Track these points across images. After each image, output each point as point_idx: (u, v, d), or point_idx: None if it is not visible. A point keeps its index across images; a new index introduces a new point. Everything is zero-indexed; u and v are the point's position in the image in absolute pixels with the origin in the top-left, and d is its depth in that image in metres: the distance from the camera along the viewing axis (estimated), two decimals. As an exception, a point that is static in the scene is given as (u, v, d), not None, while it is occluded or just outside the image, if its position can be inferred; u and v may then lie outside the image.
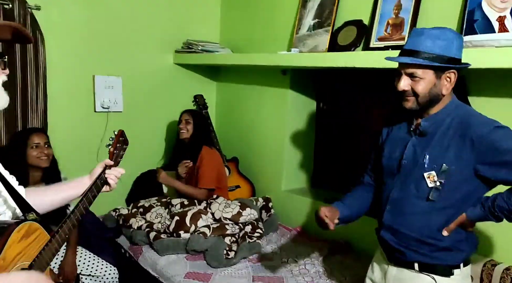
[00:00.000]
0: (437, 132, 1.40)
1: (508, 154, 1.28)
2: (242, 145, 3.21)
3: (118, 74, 2.91)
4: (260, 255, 2.39)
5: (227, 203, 2.65)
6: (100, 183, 1.43)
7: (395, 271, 1.53)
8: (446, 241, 1.41)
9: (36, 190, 1.48)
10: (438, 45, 1.32)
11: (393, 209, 1.49)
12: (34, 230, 1.23)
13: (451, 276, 1.41)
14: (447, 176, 1.36)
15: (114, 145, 1.53)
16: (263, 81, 3.03)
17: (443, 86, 1.37)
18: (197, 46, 3.04)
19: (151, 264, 2.35)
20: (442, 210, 1.40)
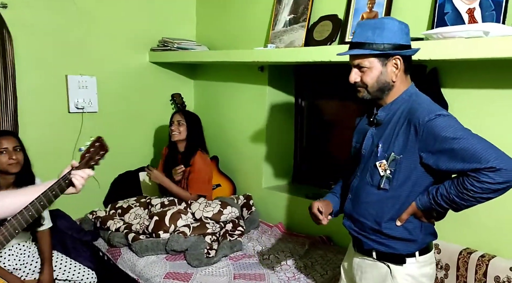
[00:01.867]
0: (391, 121, 1.43)
1: (446, 142, 1.29)
2: (222, 143, 3.18)
3: (92, 74, 2.85)
4: (241, 252, 2.37)
5: (208, 202, 2.63)
6: (64, 183, 1.41)
7: (358, 259, 1.56)
8: (399, 230, 1.43)
9: (2, 194, 1.47)
10: (378, 34, 1.36)
11: (353, 198, 1.54)
12: None
13: (403, 264, 1.43)
14: (396, 164, 1.39)
15: (87, 149, 1.52)
16: (241, 78, 3.01)
17: (391, 73, 1.40)
18: (173, 44, 3.00)
19: (130, 265, 2.31)
20: (394, 199, 1.42)
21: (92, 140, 1.52)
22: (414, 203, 1.41)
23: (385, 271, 1.46)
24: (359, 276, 1.55)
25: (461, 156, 1.27)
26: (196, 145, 2.73)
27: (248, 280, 2.08)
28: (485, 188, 1.25)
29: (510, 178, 1.23)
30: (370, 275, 1.51)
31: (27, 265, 2.13)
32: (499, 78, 1.80)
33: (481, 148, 1.25)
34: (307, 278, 2.09)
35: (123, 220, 2.60)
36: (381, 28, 1.37)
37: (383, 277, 1.46)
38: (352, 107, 2.64)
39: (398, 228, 1.43)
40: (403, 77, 1.43)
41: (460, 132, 1.29)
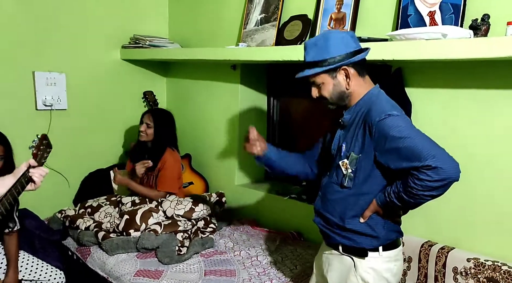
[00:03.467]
0: (353, 123, 1.49)
1: (394, 141, 1.34)
2: (195, 141, 3.18)
3: (61, 71, 2.80)
4: (212, 249, 2.39)
5: (179, 200, 2.63)
6: (24, 180, 1.51)
7: (327, 252, 1.63)
8: (361, 226, 1.49)
9: None
10: (315, 51, 1.45)
11: (322, 195, 1.60)
12: None
13: (365, 257, 1.49)
14: (356, 163, 1.45)
15: (37, 147, 1.62)
16: (214, 77, 3.03)
17: (343, 82, 1.47)
18: (145, 41, 2.98)
19: (100, 264, 2.29)
20: (356, 196, 1.48)
21: (39, 138, 1.61)
22: (374, 200, 1.46)
23: (349, 264, 1.52)
24: (327, 268, 1.61)
25: (405, 155, 1.32)
26: (165, 144, 2.71)
27: (219, 276, 2.10)
28: (424, 185, 1.30)
29: (447, 176, 1.28)
30: (336, 267, 1.57)
31: (-9, 265, 2.08)
32: (459, 78, 1.89)
33: (422, 146, 1.31)
34: (277, 273, 2.13)
35: (93, 219, 2.57)
36: (322, 45, 1.44)
37: (347, 269, 1.52)
38: (322, 106, 2.69)
39: (361, 224, 1.49)
40: (359, 81, 1.48)
41: (407, 131, 1.34)
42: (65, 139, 2.85)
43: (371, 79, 1.53)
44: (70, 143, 2.90)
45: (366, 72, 1.50)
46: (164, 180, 2.66)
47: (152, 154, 2.70)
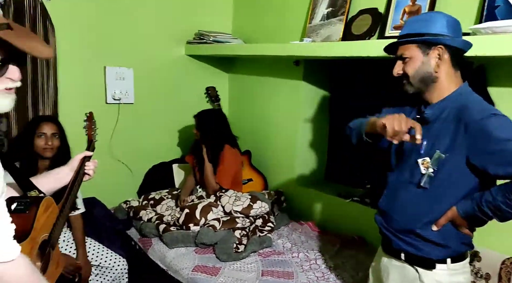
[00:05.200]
0: (439, 119, 1.36)
1: (498, 143, 1.21)
2: (255, 138, 3.16)
3: (130, 66, 2.90)
4: (270, 249, 2.35)
5: (237, 196, 2.62)
6: (82, 176, 1.55)
7: (386, 260, 1.51)
8: (433, 235, 1.36)
9: None
10: (423, 25, 1.35)
11: (389, 194, 1.48)
12: (51, 204, 1.32)
13: (433, 269, 1.36)
14: (440, 163, 1.32)
15: (89, 127, 1.72)
16: (276, 73, 2.97)
17: (433, 63, 1.34)
18: (209, 37, 2.99)
19: (160, 256, 2.34)
20: (433, 199, 1.35)
21: (88, 117, 1.69)
22: (454, 208, 1.33)
23: (413, 275, 1.40)
24: (386, 277, 1.50)
25: (510, 159, 1.18)
26: (220, 142, 2.73)
27: (276, 277, 2.05)
28: None
29: None
30: (396, 277, 1.46)
31: (62, 249, 2.19)
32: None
33: None
34: (337, 278, 2.04)
35: (155, 211, 2.64)
36: (428, 20, 1.35)
37: (410, 281, 1.41)
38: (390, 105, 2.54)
39: (433, 232, 1.36)
40: (451, 72, 1.36)
41: None
42: (131, 132, 2.95)
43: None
44: (136, 136, 2.99)
45: (459, 68, 1.37)
46: (219, 175, 2.67)
47: (211, 150, 2.72)
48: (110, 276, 2.25)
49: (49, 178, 1.50)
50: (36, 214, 1.20)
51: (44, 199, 1.27)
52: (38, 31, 2.39)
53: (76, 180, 1.50)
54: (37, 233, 1.21)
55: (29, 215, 1.19)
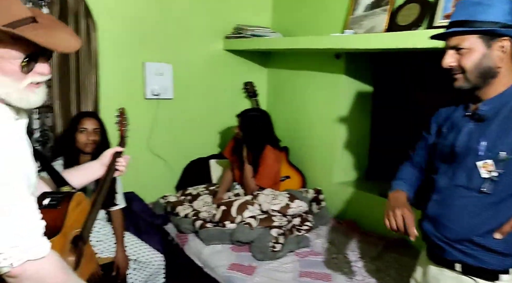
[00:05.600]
0: (498, 116, 1.22)
1: None
2: (293, 134, 3.08)
3: (168, 61, 2.90)
4: (308, 249, 2.27)
5: (275, 194, 2.56)
6: (113, 172, 1.52)
7: (434, 271, 1.38)
8: (496, 244, 1.22)
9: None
10: (482, 10, 1.17)
11: (440, 199, 1.33)
12: (82, 200, 1.32)
13: (496, 281, 1.24)
14: (505, 165, 1.18)
15: (121, 123, 1.68)
16: (316, 67, 2.88)
17: (496, 57, 1.19)
18: (247, 31, 2.94)
19: (196, 253, 2.32)
20: (496, 206, 1.22)
21: (120, 113, 1.65)
22: None
23: None
24: None
25: None
26: (262, 143, 2.68)
27: (314, 279, 1.98)
28: None
29: None
30: None
31: (101, 243, 2.23)
32: None
33: None
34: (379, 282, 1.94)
35: (192, 207, 2.63)
36: (486, 4, 1.17)
37: None
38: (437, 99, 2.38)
39: (496, 240, 1.22)
40: (511, 65, 1.21)
41: None
42: (169, 128, 2.96)
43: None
44: (174, 131, 3.00)
45: None
46: (259, 176, 2.63)
47: (252, 151, 2.68)
48: (148, 271, 2.27)
49: (80, 171, 1.51)
50: (67, 210, 1.20)
51: (76, 194, 1.27)
52: (80, 27, 2.44)
53: (107, 176, 1.48)
54: (69, 228, 1.21)
55: (61, 210, 1.19)
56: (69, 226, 1.20)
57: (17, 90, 1.03)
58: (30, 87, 1.04)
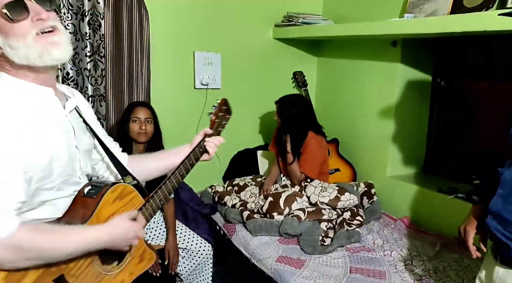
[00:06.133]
0: None
1: None
2: (344, 125, 2.97)
3: (217, 51, 2.88)
4: (359, 244, 2.18)
5: (324, 186, 2.47)
6: (199, 151, 1.42)
7: (501, 271, 1.27)
8: None
9: (137, 157, 1.52)
10: None
11: (507, 194, 1.23)
12: (128, 192, 1.23)
13: None
14: None
15: (216, 113, 1.49)
16: (369, 55, 2.74)
17: None
18: (298, 18, 2.85)
19: (244, 243, 2.30)
20: None
21: (219, 103, 1.50)
22: None
23: None
24: None
25: None
26: (304, 129, 2.59)
27: (366, 276, 1.89)
28: None
29: None
30: None
31: (152, 230, 2.26)
32: None
33: None
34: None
35: (239, 197, 2.61)
36: None
37: None
38: (507, 88, 2.19)
39: None
40: None
41: None
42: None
43: None
44: (222, 121, 2.98)
45: None
46: (304, 164, 2.54)
47: (294, 138, 2.60)
48: (196, 259, 2.27)
49: (163, 154, 1.49)
50: (100, 200, 1.14)
51: (118, 185, 1.20)
52: (133, 17, 2.47)
53: (189, 156, 1.39)
54: (100, 220, 1.14)
55: (95, 200, 1.14)
56: (100, 218, 1.14)
57: (27, 46, 0.99)
58: (42, 39, 1.00)
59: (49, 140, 1.06)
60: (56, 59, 1.04)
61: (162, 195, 1.32)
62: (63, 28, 1.08)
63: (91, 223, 1.12)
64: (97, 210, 1.13)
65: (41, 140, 1.04)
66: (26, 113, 1.03)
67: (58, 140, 1.09)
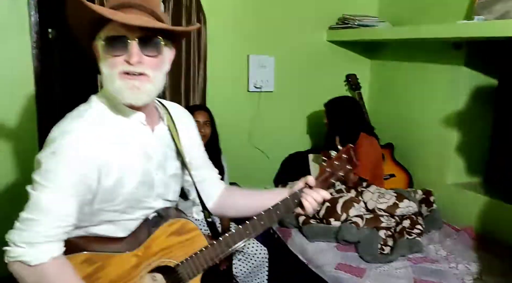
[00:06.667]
0: None
1: None
2: (399, 129, 2.89)
3: (271, 54, 2.88)
4: (421, 255, 2.11)
5: (381, 192, 2.42)
6: (292, 201, 1.21)
7: None
8: None
9: (232, 189, 1.43)
10: None
11: None
12: (189, 230, 1.16)
13: None
14: None
15: (331, 160, 1.23)
16: (429, 58, 2.65)
17: None
18: (354, 21, 2.80)
19: (300, 249, 2.28)
20: None
21: (341, 150, 1.25)
22: None
23: None
24: None
25: None
26: (355, 131, 2.55)
27: (432, 288, 1.83)
28: None
29: None
30: None
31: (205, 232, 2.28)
32: None
33: None
34: (510, 302, 1.73)
35: (293, 201, 2.59)
36: None
37: None
38: None
39: None
40: None
41: None
42: (269, 120, 2.95)
43: None
44: (274, 124, 2.98)
45: None
46: (358, 166, 2.49)
47: (343, 139, 2.55)
48: (252, 263, 2.28)
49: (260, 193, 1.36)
50: (154, 231, 1.10)
51: (177, 220, 1.14)
52: (192, 22, 2.51)
53: (277, 205, 1.19)
54: (150, 253, 1.10)
55: (150, 229, 1.11)
56: (151, 250, 1.10)
57: (111, 79, 1.01)
58: (126, 79, 1.00)
59: (123, 165, 1.05)
60: (127, 102, 1.03)
61: (230, 240, 1.17)
62: (154, 76, 1.04)
63: (138, 252, 1.10)
64: (149, 240, 1.10)
65: (114, 165, 1.03)
66: (108, 135, 1.03)
67: (132, 166, 1.07)
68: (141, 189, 1.11)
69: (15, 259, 0.96)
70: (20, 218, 0.97)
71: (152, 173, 1.13)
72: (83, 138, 0.99)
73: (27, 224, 0.96)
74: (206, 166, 1.34)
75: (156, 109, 1.19)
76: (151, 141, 1.13)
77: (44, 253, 0.97)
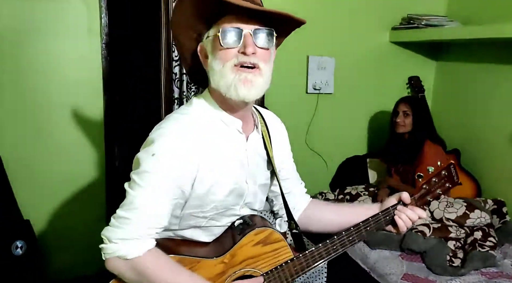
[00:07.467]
0: None
1: None
2: (466, 135, 2.73)
3: (331, 55, 2.81)
4: (495, 269, 1.96)
5: (449, 201, 2.28)
6: (383, 218, 1.15)
7: None
8: None
9: (319, 203, 1.38)
10: None
11: None
12: (274, 240, 1.12)
13: None
14: None
15: (427, 178, 1.17)
16: (501, 59, 2.48)
17: None
18: (420, 20, 2.68)
19: (361, 256, 2.20)
20: None
21: (439, 166, 1.19)
22: None
23: None
24: None
25: None
26: (422, 135, 2.43)
27: (511, 307, 1.69)
28: None
29: None
30: None
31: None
32: None
33: None
34: None
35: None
36: None
37: None
38: None
39: None
40: None
41: None
42: (327, 123, 2.88)
43: None
44: (332, 127, 2.91)
45: None
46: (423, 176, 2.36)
47: (410, 147, 2.44)
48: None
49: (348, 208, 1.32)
50: (239, 240, 1.07)
51: (263, 229, 1.09)
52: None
53: (367, 221, 1.14)
54: (234, 259, 1.07)
55: (236, 237, 1.08)
56: (237, 258, 1.08)
57: (222, 74, 0.99)
58: (238, 72, 0.98)
59: (217, 173, 1.04)
60: (240, 96, 0.99)
61: (317, 254, 1.11)
62: (265, 70, 1.02)
63: (225, 259, 1.07)
64: (235, 248, 1.08)
65: (208, 172, 1.02)
66: (205, 142, 1.02)
67: (225, 175, 1.06)
68: (231, 197, 1.10)
69: (112, 255, 0.98)
70: (116, 215, 0.99)
71: (244, 182, 1.12)
72: (181, 143, 0.99)
73: (122, 222, 0.97)
74: (293, 177, 1.30)
75: (252, 115, 1.17)
76: (245, 150, 1.11)
77: (139, 248, 0.98)
